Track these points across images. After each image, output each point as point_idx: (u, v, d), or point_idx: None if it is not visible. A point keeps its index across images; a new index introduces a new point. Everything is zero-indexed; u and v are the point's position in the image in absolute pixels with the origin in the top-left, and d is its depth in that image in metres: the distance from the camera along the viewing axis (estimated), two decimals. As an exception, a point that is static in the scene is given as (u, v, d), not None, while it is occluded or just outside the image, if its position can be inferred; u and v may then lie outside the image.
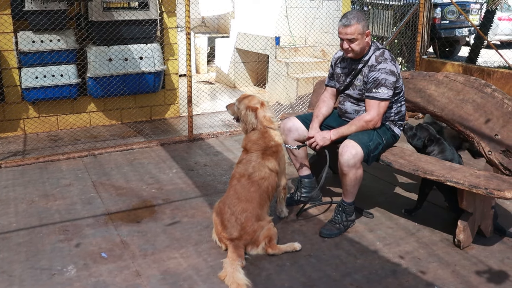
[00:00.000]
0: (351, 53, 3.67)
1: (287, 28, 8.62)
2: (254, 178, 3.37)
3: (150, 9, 6.10)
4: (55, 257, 3.30)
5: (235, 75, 8.86)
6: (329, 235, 3.58)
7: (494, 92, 3.66)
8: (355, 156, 3.46)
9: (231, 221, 3.23)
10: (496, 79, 6.47)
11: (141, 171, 4.85)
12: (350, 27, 3.55)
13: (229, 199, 3.32)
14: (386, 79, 3.57)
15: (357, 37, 3.58)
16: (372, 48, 3.71)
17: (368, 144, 3.54)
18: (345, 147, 3.50)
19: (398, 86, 3.69)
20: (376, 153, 3.64)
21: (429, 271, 3.16)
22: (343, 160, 3.48)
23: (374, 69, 3.60)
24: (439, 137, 3.85)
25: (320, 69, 7.87)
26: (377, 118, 3.62)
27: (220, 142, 5.81)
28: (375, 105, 3.60)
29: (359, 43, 3.61)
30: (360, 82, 3.71)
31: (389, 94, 3.59)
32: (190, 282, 3.03)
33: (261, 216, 3.31)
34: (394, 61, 3.66)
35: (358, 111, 3.78)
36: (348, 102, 3.83)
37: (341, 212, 3.67)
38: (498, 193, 3.08)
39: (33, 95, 5.80)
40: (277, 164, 3.51)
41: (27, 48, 5.66)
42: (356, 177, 3.54)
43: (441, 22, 10.79)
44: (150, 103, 6.69)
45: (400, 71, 3.71)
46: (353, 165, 3.48)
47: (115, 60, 6.01)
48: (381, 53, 3.66)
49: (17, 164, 4.99)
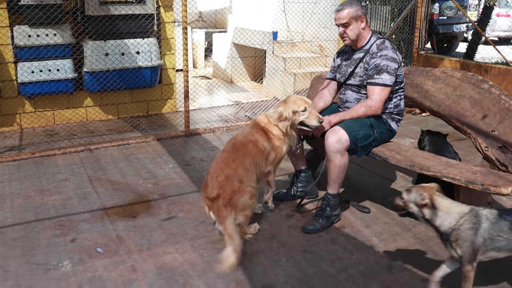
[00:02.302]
0: (348, 40, 3.69)
1: (285, 23, 8.60)
2: (243, 141, 3.49)
3: (147, 3, 6.07)
4: (50, 252, 3.29)
5: (232, 70, 8.84)
6: (312, 231, 3.57)
7: (491, 88, 3.65)
8: (339, 141, 3.45)
9: (213, 181, 3.31)
10: (493, 75, 6.46)
11: (137, 166, 4.84)
12: (342, 11, 3.61)
13: (217, 160, 3.46)
14: (387, 65, 3.56)
15: (350, 21, 3.60)
16: (373, 38, 3.72)
17: (356, 133, 3.52)
18: (331, 132, 3.52)
19: (400, 74, 3.68)
20: (365, 143, 3.60)
21: (425, 266, 3.16)
22: (327, 144, 3.48)
23: (376, 55, 3.60)
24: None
25: (317, 64, 7.86)
26: (379, 104, 3.60)
27: (216, 137, 5.80)
28: (377, 91, 3.58)
29: (353, 28, 3.63)
30: (361, 69, 3.70)
31: (391, 80, 3.58)
32: (186, 277, 3.02)
33: (244, 180, 3.33)
34: (395, 50, 3.66)
35: (359, 99, 3.76)
36: (349, 90, 3.82)
37: (325, 206, 3.65)
38: (495, 189, 3.08)
39: (29, 89, 5.77)
40: (268, 146, 3.54)
41: (23, 43, 5.62)
42: (341, 165, 3.51)
43: (439, 18, 10.78)
44: (147, 98, 6.67)
45: (401, 61, 3.70)
46: (337, 150, 3.46)
47: (111, 54, 5.99)
48: (382, 42, 3.67)
49: (13, 159, 4.97)
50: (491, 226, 2.61)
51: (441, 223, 2.70)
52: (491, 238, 2.60)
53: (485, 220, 2.62)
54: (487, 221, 2.62)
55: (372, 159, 3.76)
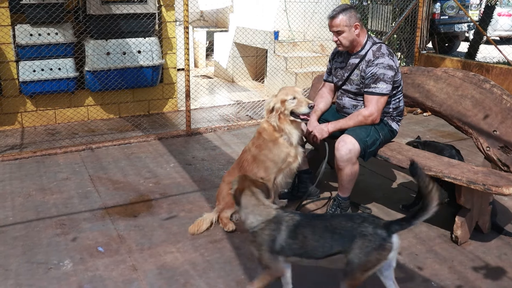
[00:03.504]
0: (341, 46, 3.67)
1: (286, 22, 8.59)
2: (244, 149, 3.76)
3: (149, 2, 6.07)
4: (51, 251, 3.29)
5: (234, 70, 8.84)
6: None
7: (493, 88, 3.65)
8: (352, 151, 3.45)
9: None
10: (495, 75, 6.46)
11: (138, 165, 4.84)
12: (335, 19, 3.58)
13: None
14: (384, 73, 3.54)
15: (343, 29, 3.57)
16: (369, 42, 3.66)
17: (365, 140, 3.52)
18: (341, 141, 3.49)
19: (397, 80, 3.66)
20: (373, 148, 3.62)
21: (426, 266, 3.16)
22: (339, 155, 3.47)
23: (372, 64, 3.57)
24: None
25: (318, 63, 7.85)
26: (376, 114, 3.59)
27: (218, 136, 5.79)
28: (374, 101, 3.57)
29: (347, 36, 3.59)
30: (357, 77, 3.67)
31: (388, 89, 3.56)
32: (187, 277, 3.02)
33: (228, 181, 3.57)
34: (392, 55, 3.62)
35: (356, 106, 3.75)
36: (346, 97, 3.81)
37: (336, 207, 3.67)
38: (496, 189, 3.08)
39: (31, 88, 5.78)
40: (258, 152, 3.57)
41: (24, 42, 5.63)
42: (352, 172, 3.53)
43: (441, 17, 10.76)
44: (148, 97, 6.67)
45: (399, 65, 3.69)
46: (349, 160, 3.47)
47: (113, 54, 5.99)
48: (378, 47, 3.62)
49: (14, 157, 4.98)
50: (288, 234, 2.51)
51: (244, 219, 2.63)
52: (289, 245, 2.50)
53: (285, 228, 2.52)
54: (287, 229, 2.52)
55: (373, 159, 3.76)
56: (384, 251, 2.36)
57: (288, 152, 3.55)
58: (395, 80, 3.61)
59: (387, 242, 2.36)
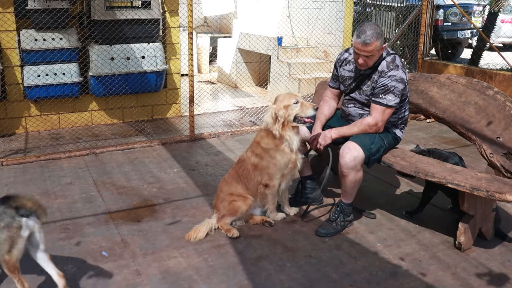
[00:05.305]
0: (365, 67, 3.59)
1: (290, 28, 8.62)
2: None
3: (153, 8, 6.10)
4: (55, 255, 3.29)
5: (237, 75, 8.86)
6: (325, 234, 3.59)
7: (496, 95, 3.65)
8: (356, 158, 3.46)
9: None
10: (498, 81, 6.47)
11: (142, 170, 4.85)
12: (370, 45, 3.42)
13: None
14: (395, 86, 3.52)
15: (374, 54, 3.49)
16: (383, 53, 3.61)
17: (369, 147, 3.53)
18: (346, 148, 3.49)
19: (405, 93, 3.66)
20: (377, 155, 3.62)
21: (429, 273, 3.16)
22: (343, 162, 3.48)
23: (385, 75, 3.53)
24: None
25: (322, 70, 7.87)
26: (380, 124, 3.59)
27: (221, 142, 5.81)
28: (380, 111, 3.57)
29: (375, 59, 3.55)
30: (368, 88, 3.64)
31: (395, 102, 3.55)
32: (190, 282, 3.03)
33: (227, 191, 3.68)
34: (404, 67, 3.62)
35: (362, 115, 3.74)
36: (353, 105, 3.80)
37: (339, 212, 3.68)
38: (500, 195, 3.08)
39: (35, 93, 5.80)
40: (259, 160, 3.62)
41: (29, 46, 5.66)
42: (356, 179, 3.54)
43: (444, 24, 10.78)
44: (152, 102, 6.69)
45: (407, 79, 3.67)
46: (353, 167, 3.48)
47: (117, 59, 6.02)
48: (393, 59, 3.58)
49: (18, 162, 5.00)
50: None
51: None
52: None
53: None
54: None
55: (376, 165, 3.76)
56: (12, 229, 2.56)
57: (290, 158, 3.60)
58: (403, 93, 3.61)
59: (15, 220, 2.56)
